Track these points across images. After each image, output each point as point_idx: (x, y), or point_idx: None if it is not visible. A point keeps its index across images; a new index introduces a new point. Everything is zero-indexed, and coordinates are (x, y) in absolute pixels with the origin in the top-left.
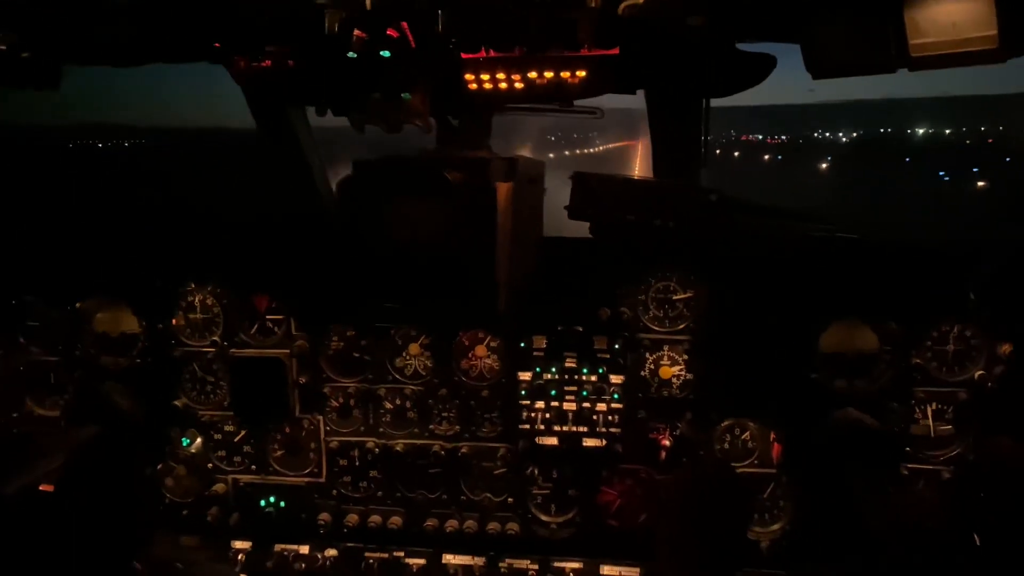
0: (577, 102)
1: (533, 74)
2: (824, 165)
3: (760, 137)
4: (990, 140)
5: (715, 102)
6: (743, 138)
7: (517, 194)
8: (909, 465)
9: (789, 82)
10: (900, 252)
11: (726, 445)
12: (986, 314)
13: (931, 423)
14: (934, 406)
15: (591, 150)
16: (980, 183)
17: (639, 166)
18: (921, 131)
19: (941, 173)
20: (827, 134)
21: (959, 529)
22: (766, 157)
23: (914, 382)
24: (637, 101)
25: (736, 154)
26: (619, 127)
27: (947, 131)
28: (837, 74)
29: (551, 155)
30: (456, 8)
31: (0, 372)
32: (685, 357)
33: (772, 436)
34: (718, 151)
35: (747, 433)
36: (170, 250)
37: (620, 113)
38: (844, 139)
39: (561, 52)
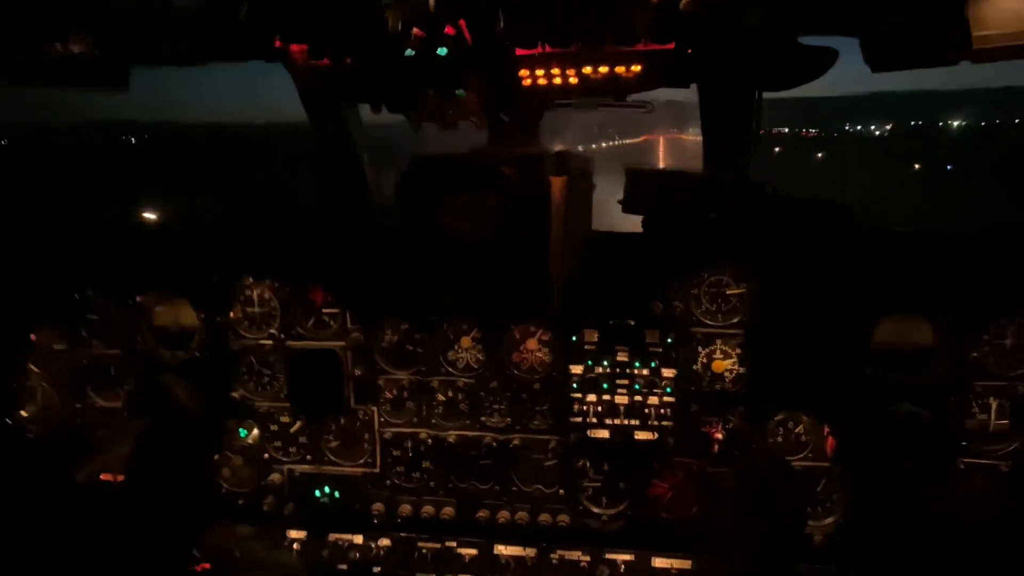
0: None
1: (588, 69)
2: (860, 159)
3: (787, 131)
4: None
5: None
6: (773, 132)
7: (569, 188)
8: (966, 459)
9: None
10: (957, 245)
11: (779, 438)
12: None
13: (989, 417)
14: (992, 400)
15: (611, 144)
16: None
17: (664, 158)
18: (956, 123)
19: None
20: (858, 127)
21: (1016, 523)
22: (800, 151)
23: (971, 376)
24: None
25: (777, 149)
26: (639, 124)
27: (982, 123)
28: (897, 67)
29: (580, 148)
30: (514, 5)
31: (64, 365)
32: (738, 351)
33: (826, 430)
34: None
35: (800, 427)
36: (228, 245)
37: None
38: (877, 132)
39: (617, 47)
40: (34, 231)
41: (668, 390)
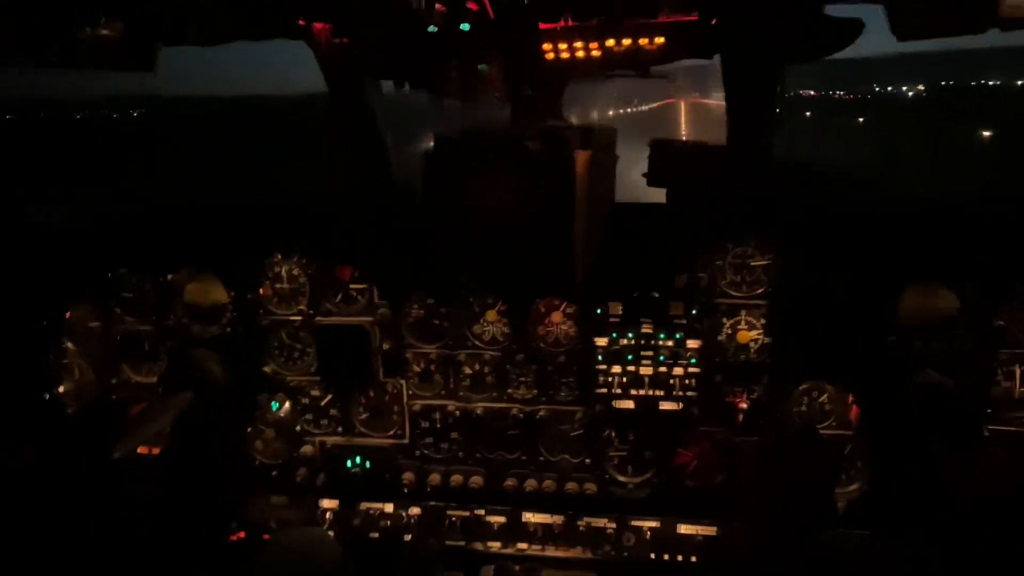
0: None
1: (611, 42)
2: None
3: (812, 93)
4: None
5: None
6: (803, 95)
7: (594, 161)
8: (990, 427)
9: None
10: (981, 212)
11: (804, 408)
12: None
13: (1014, 384)
14: (1016, 367)
15: (632, 110)
16: None
17: (685, 123)
18: (992, 83)
19: None
20: (888, 88)
21: None
22: (835, 116)
23: (996, 344)
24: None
25: (808, 113)
26: (660, 89)
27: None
28: (924, 36)
29: (595, 114)
30: None
31: (98, 342)
32: (763, 321)
33: (850, 399)
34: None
35: (825, 396)
36: (257, 223)
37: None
38: (910, 94)
39: (639, 19)
40: (66, 210)
41: (693, 361)
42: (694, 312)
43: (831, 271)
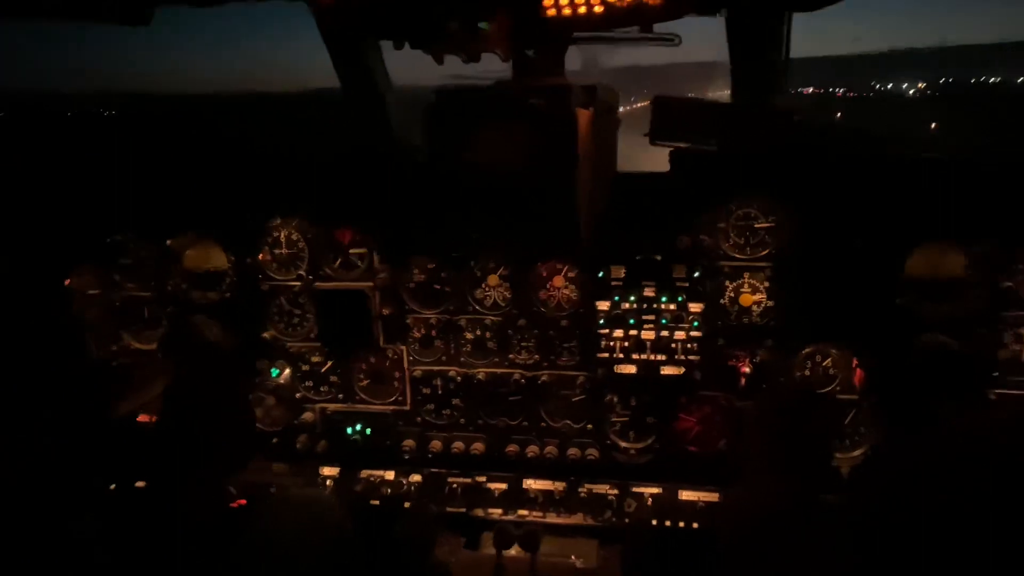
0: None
1: None
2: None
3: (812, 89)
4: None
5: None
6: (804, 91)
7: (596, 121)
8: (997, 390)
9: (832, 33)
10: (988, 171)
11: (807, 372)
12: None
13: (1022, 348)
14: None
15: (627, 108)
16: None
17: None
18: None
19: None
20: (889, 85)
21: None
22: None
23: (1003, 306)
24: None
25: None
26: (663, 86)
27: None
28: None
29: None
30: None
31: (98, 308)
32: (766, 284)
33: (855, 362)
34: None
35: (828, 359)
36: (255, 187)
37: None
38: (911, 91)
39: None
40: (65, 178)
41: (695, 324)
42: (696, 275)
43: (836, 231)
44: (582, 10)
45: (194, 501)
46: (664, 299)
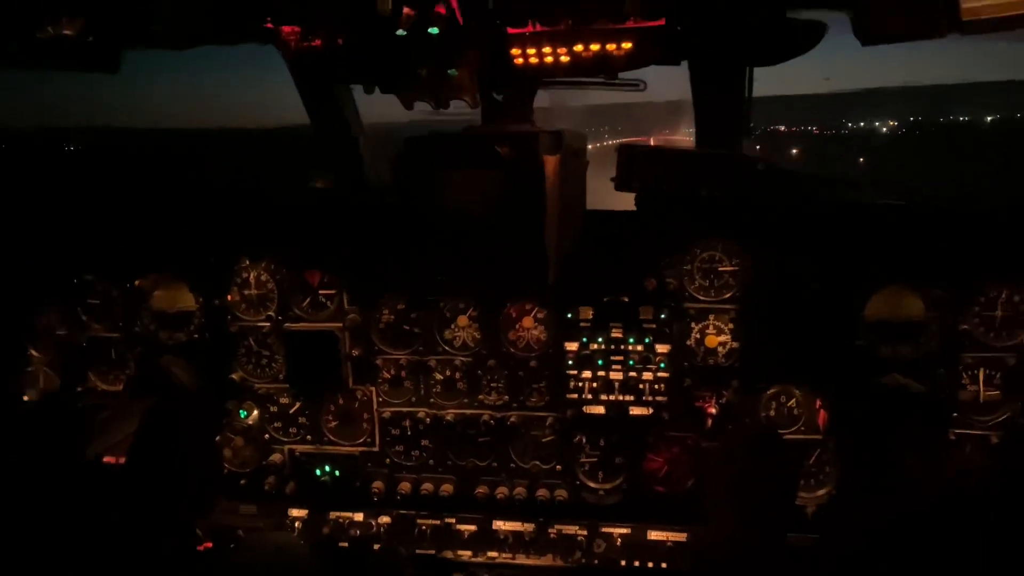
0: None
1: (579, 47)
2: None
3: (784, 128)
4: None
5: None
6: (776, 130)
7: (564, 166)
8: (957, 430)
9: (804, 71)
10: (947, 217)
11: (772, 412)
12: None
13: (980, 388)
14: (982, 371)
15: (600, 144)
16: None
17: None
18: (963, 118)
19: None
20: (861, 124)
21: (1008, 493)
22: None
23: (961, 348)
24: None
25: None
26: (630, 129)
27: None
28: (887, 40)
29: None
30: None
31: (64, 349)
32: (731, 326)
33: (818, 403)
34: (758, 147)
35: (793, 400)
36: (224, 228)
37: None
38: (884, 129)
39: (607, 24)
40: (32, 217)
41: (662, 365)
42: (663, 316)
43: (799, 275)
44: (548, 59)
45: (160, 544)
46: (632, 340)
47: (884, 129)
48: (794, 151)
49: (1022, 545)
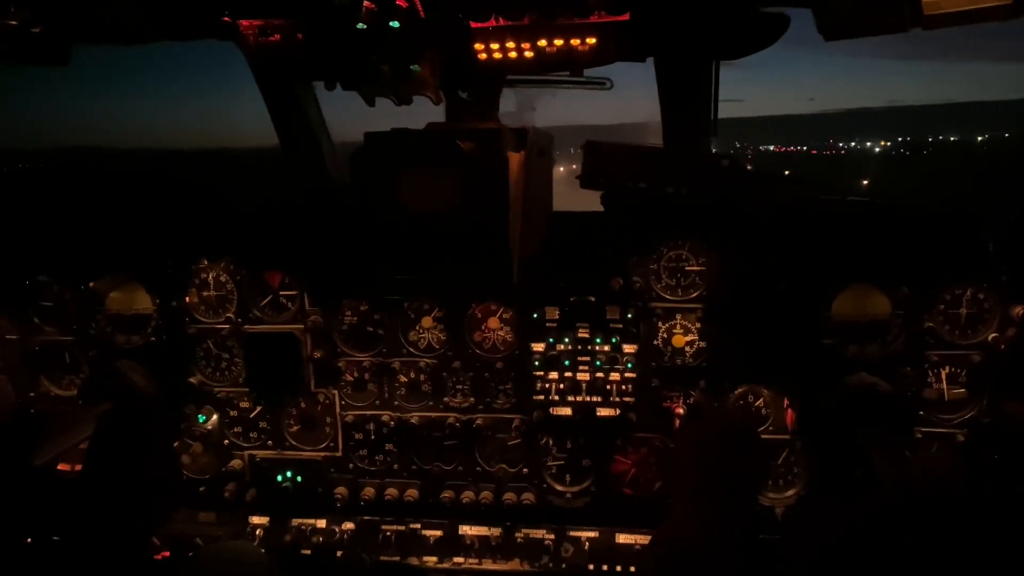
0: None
1: (543, 42)
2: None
3: (773, 148)
4: None
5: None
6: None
7: (528, 164)
8: (923, 429)
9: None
10: (911, 216)
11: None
12: (1002, 277)
13: (944, 386)
14: (947, 369)
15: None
16: None
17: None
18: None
19: None
20: (852, 144)
21: (973, 491)
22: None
23: (927, 346)
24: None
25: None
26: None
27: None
28: (850, 35)
29: None
30: None
31: (16, 354)
32: (698, 325)
33: (786, 402)
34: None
35: (761, 400)
36: (182, 228)
37: None
38: (876, 149)
39: (570, 19)
40: None
41: (629, 366)
42: (629, 316)
43: (765, 273)
44: (512, 55)
45: (116, 554)
46: (598, 340)
47: (877, 149)
48: (787, 172)
49: (988, 543)
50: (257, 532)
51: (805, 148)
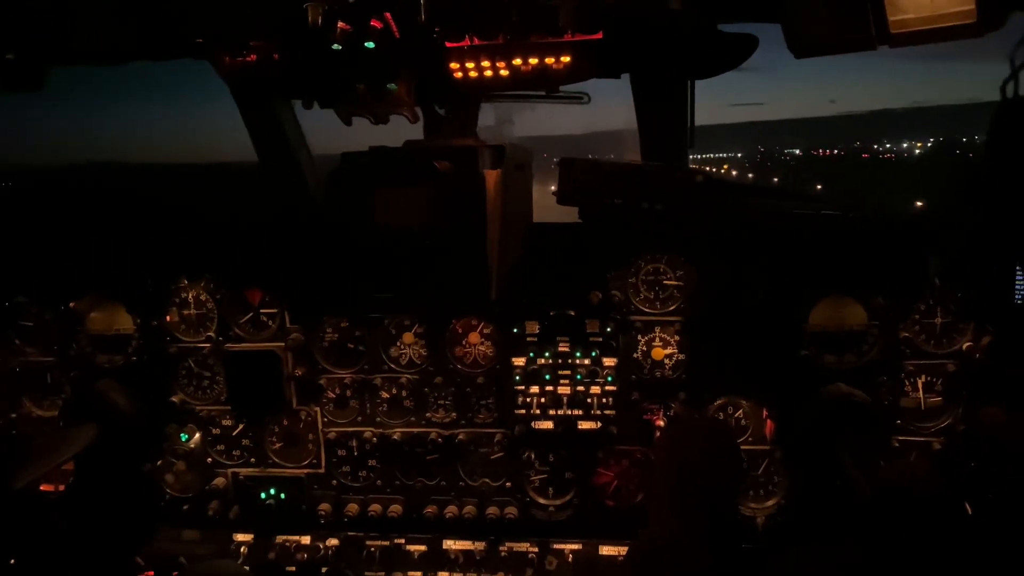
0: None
1: (517, 61)
2: None
3: (798, 152)
4: None
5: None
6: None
7: (505, 181)
8: (900, 437)
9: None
10: (884, 227)
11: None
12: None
13: (921, 395)
14: (923, 378)
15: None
16: None
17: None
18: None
19: None
20: (887, 144)
21: (950, 499)
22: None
23: (903, 355)
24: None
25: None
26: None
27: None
28: (818, 52)
29: None
30: None
31: None
32: (677, 338)
33: (765, 413)
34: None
35: (740, 411)
36: (161, 247)
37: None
38: (916, 151)
39: (544, 38)
40: None
41: (610, 379)
42: (609, 329)
43: (742, 286)
44: (488, 73)
45: (99, 573)
46: (579, 354)
47: (917, 151)
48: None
49: (965, 549)
50: (241, 549)
51: (836, 151)
